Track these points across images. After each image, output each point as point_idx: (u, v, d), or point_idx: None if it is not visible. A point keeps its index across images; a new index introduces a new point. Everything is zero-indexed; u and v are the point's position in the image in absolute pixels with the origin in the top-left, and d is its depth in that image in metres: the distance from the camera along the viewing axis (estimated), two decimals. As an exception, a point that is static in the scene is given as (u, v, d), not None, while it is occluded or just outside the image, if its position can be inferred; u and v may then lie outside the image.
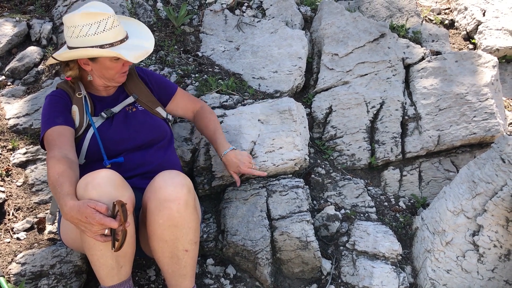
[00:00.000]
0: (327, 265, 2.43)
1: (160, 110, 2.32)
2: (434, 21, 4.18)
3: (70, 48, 2.04)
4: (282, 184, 2.53)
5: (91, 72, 2.13)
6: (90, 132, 2.10)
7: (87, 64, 2.09)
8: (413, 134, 3.00)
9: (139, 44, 2.12)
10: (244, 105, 2.85)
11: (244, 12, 3.66)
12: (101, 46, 1.99)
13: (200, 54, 3.29)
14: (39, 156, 2.69)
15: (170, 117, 2.38)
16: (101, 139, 2.09)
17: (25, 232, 2.38)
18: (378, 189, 2.90)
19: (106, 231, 1.68)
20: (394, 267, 2.37)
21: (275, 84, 3.08)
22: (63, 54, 2.06)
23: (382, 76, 3.17)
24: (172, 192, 1.80)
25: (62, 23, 3.34)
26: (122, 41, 2.05)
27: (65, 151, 1.94)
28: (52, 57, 2.09)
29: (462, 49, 3.96)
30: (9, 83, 3.14)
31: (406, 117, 3.05)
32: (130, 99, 2.25)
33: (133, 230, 1.86)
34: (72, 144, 2.02)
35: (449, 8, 4.40)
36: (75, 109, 2.13)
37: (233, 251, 2.37)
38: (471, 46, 3.98)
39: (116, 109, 2.20)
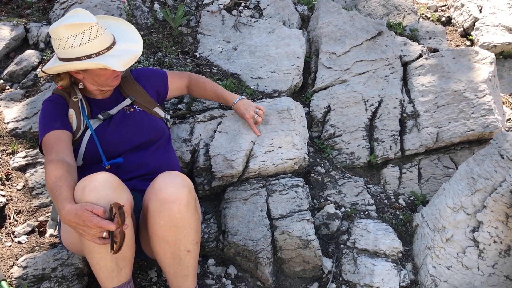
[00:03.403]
0: (328, 263, 2.44)
1: (158, 110, 2.33)
2: (431, 18, 4.19)
3: (60, 59, 2.05)
4: (282, 183, 2.54)
5: (83, 80, 2.15)
6: (88, 134, 2.11)
7: (78, 73, 2.10)
8: (411, 132, 3.01)
9: (127, 48, 2.11)
10: (242, 105, 2.85)
11: (241, 12, 3.67)
12: (88, 56, 1.99)
13: (198, 55, 3.30)
14: (39, 160, 2.69)
15: (168, 117, 2.40)
16: (99, 140, 2.10)
17: (26, 236, 2.39)
18: (377, 187, 2.91)
19: (104, 234, 1.68)
20: (394, 264, 2.38)
21: (273, 84, 3.08)
22: (52, 68, 2.06)
23: (380, 74, 3.17)
24: (173, 193, 1.81)
25: (59, 26, 3.35)
26: (109, 48, 2.04)
27: (63, 155, 1.95)
28: (42, 71, 2.10)
29: (459, 46, 3.97)
30: (7, 87, 3.14)
31: (405, 115, 3.05)
32: (127, 101, 2.26)
33: (132, 232, 1.87)
34: (69, 148, 2.02)
35: (445, 5, 4.41)
36: (71, 112, 2.14)
37: (234, 251, 2.38)
38: (468, 43, 3.99)
39: (113, 111, 2.21)
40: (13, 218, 2.46)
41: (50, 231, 2.41)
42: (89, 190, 1.71)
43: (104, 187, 1.73)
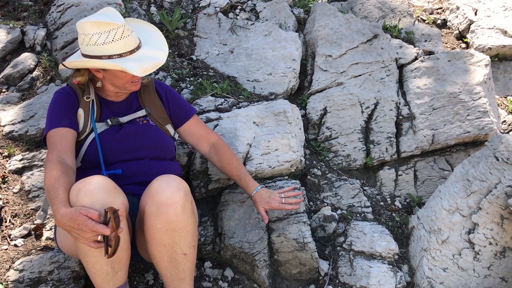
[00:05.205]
0: (324, 265, 2.44)
1: (169, 127, 2.31)
2: (426, 21, 4.21)
3: (82, 54, 2.05)
4: (278, 185, 2.54)
5: (103, 79, 2.13)
6: (91, 137, 2.10)
7: (98, 71, 2.09)
8: (407, 134, 3.02)
9: (150, 55, 2.07)
10: (239, 108, 2.86)
11: (238, 15, 3.68)
12: (110, 57, 1.97)
13: (194, 58, 3.30)
14: (35, 163, 2.69)
15: (176, 136, 2.36)
16: (102, 146, 2.09)
17: (22, 239, 2.38)
18: (374, 189, 2.92)
19: (99, 238, 1.68)
20: (391, 266, 2.39)
21: (269, 87, 3.09)
22: (72, 62, 2.07)
23: (376, 76, 3.19)
24: (169, 196, 1.81)
25: (55, 29, 3.36)
26: (132, 51, 2.02)
27: (64, 155, 1.95)
28: (62, 64, 2.10)
29: (454, 48, 3.99)
30: (4, 90, 3.13)
31: (401, 117, 3.07)
32: (142, 112, 2.24)
33: (127, 235, 1.86)
34: (72, 148, 2.02)
35: (441, 8, 4.43)
36: (80, 112, 2.13)
37: (231, 253, 2.38)
38: (463, 45, 4.01)
39: (125, 119, 2.19)
40: (10, 221, 2.46)
41: (45, 231, 2.41)
42: (83, 194, 1.71)
43: (99, 190, 1.73)
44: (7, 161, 2.71)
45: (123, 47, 1.99)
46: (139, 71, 1.98)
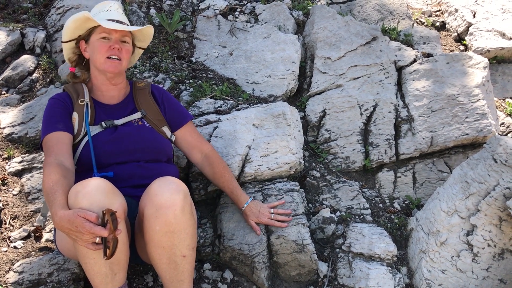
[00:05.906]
0: (323, 267, 2.45)
1: (166, 130, 2.31)
2: (425, 23, 4.22)
3: None
4: (277, 188, 2.55)
5: (92, 72, 2.24)
6: (85, 140, 2.11)
7: (86, 51, 2.19)
8: (406, 136, 3.03)
9: (125, 27, 2.19)
10: (238, 110, 2.87)
11: (237, 17, 3.69)
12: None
13: (194, 60, 3.31)
14: (35, 165, 2.69)
15: (173, 138, 2.36)
16: (96, 148, 2.09)
17: (22, 241, 2.39)
18: (372, 191, 2.92)
19: (97, 240, 1.69)
20: (389, 268, 2.39)
21: (269, 89, 3.10)
22: (64, 35, 2.22)
23: (375, 79, 3.20)
24: (168, 198, 1.81)
25: (55, 31, 3.37)
26: (110, 20, 2.14)
27: (62, 158, 1.95)
28: (62, 41, 2.25)
29: (453, 50, 4.00)
30: (3, 92, 3.14)
31: (399, 119, 3.07)
32: (138, 115, 2.25)
33: (126, 237, 1.86)
34: (69, 151, 2.03)
35: (440, 10, 4.44)
36: (75, 116, 2.14)
37: (230, 255, 2.39)
38: (462, 48, 4.02)
39: (120, 121, 2.20)
40: (9, 223, 2.46)
41: (45, 233, 2.41)
42: (82, 196, 1.72)
43: (96, 192, 1.73)
44: (6, 163, 2.72)
45: (104, 17, 2.15)
46: (102, 22, 2.11)
